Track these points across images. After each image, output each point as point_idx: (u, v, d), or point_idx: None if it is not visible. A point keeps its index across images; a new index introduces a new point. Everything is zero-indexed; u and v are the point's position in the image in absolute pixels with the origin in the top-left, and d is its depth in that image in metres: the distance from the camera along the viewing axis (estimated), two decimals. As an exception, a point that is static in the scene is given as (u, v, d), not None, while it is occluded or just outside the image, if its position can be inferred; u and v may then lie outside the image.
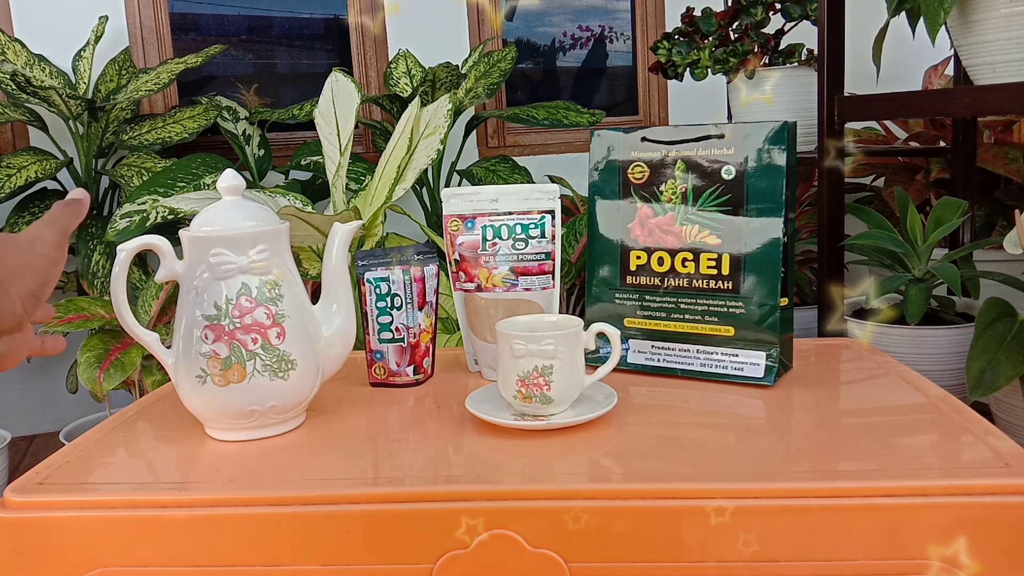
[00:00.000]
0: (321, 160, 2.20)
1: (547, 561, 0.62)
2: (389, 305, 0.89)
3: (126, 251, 0.74)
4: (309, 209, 1.70)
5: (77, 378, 2.10)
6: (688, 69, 1.96)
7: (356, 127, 1.96)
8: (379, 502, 0.63)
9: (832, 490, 0.61)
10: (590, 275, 0.94)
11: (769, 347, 0.85)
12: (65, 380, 2.30)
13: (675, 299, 0.89)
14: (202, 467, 0.72)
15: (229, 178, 0.77)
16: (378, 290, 0.89)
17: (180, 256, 0.77)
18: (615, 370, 0.81)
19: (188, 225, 0.77)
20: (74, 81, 2.21)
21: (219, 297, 0.74)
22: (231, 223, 0.75)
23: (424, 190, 2.34)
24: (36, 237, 0.58)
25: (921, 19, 1.30)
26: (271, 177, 2.41)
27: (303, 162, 2.26)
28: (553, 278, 0.91)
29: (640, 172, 0.91)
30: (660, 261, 0.90)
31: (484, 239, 0.91)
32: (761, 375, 0.85)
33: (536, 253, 0.91)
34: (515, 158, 2.42)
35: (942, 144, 2.13)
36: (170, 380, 0.80)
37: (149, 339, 0.76)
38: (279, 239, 0.77)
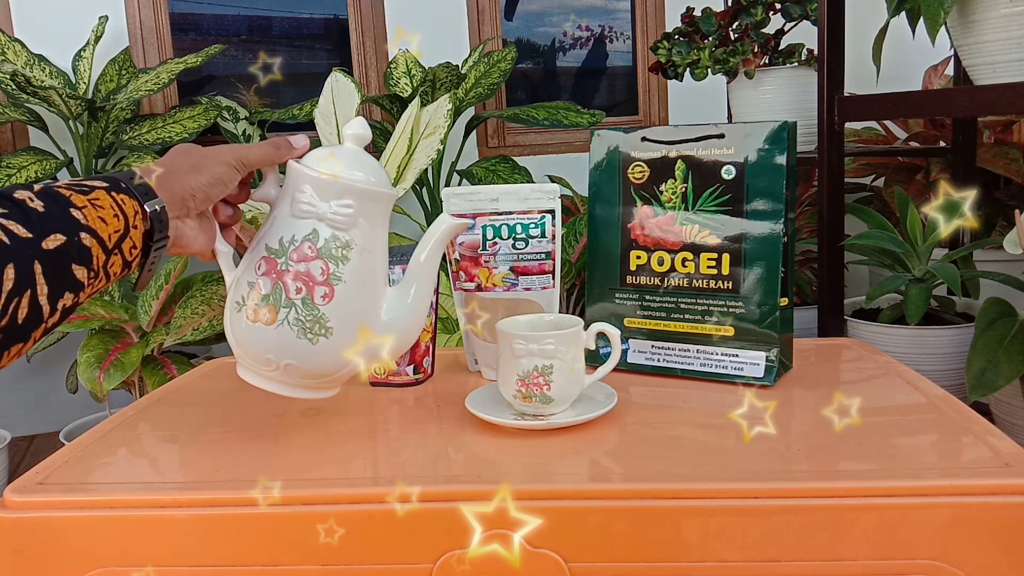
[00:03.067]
0: (321, 160, 2.20)
1: (547, 561, 0.62)
2: (389, 305, 0.89)
3: None
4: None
5: (77, 378, 2.09)
6: (688, 69, 1.96)
7: (356, 127, 1.96)
8: (379, 502, 0.63)
9: (832, 490, 0.61)
10: (590, 275, 0.94)
11: (769, 347, 0.85)
12: (65, 380, 2.30)
13: (675, 299, 0.89)
14: (202, 467, 0.72)
15: (356, 126, 0.74)
16: (378, 290, 0.89)
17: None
18: (615, 370, 0.81)
19: None
20: (74, 81, 2.21)
21: (287, 234, 0.71)
22: (331, 168, 0.72)
23: (424, 190, 2.34)
24: (218, 150, 0.71)
25: (921, 19, 1.30)
26: (271, 177, 2.41)
27: (303, 162, 2.26)
28: (553, 278, 0.91)
29: (640, 172, 0.90)
30: (660, 261, 0.90)
31: (484, 239, 0.91)
32: (761, 375, 0.85)
33: (536, 253, 0.91)
34: (515, 158, 2.41)
35: (942, 144, 2.13)
36: (170, 380, 0.79)
37: (223, 248, 0.74)
38: (373, 203, 0.73)
